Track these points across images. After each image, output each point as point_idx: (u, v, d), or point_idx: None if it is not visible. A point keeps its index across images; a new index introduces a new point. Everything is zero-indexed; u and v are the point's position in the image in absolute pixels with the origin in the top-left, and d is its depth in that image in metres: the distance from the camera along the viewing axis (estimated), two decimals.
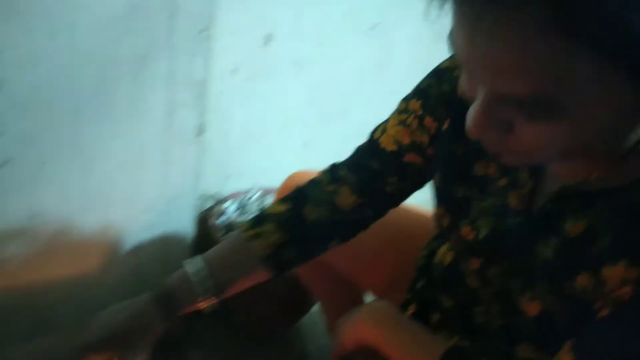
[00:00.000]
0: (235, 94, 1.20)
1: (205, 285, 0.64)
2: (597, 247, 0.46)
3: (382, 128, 0.70)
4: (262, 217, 0.70)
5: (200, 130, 0.97)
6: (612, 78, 0.35)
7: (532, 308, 0.53)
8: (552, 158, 0.46)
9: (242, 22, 1.13)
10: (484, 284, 0.60)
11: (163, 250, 1.04)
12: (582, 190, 0.48)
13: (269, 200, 1.26)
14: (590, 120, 0.38)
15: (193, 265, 0.66)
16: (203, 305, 0.65)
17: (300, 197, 0.71)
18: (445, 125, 0.62)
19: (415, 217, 0.86)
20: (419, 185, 0.71)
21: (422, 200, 0.80)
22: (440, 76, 0.63)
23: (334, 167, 0.74)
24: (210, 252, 0.69)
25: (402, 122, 0.66)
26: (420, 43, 1.46)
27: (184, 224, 1.05)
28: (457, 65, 0.60)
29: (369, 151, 0.70)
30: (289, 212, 0.69)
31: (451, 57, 0.63)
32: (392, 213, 0.76)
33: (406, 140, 0.66)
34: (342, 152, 0.78)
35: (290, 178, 0.92)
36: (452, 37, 0.40)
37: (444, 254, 0.71)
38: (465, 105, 0.57)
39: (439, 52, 1.63)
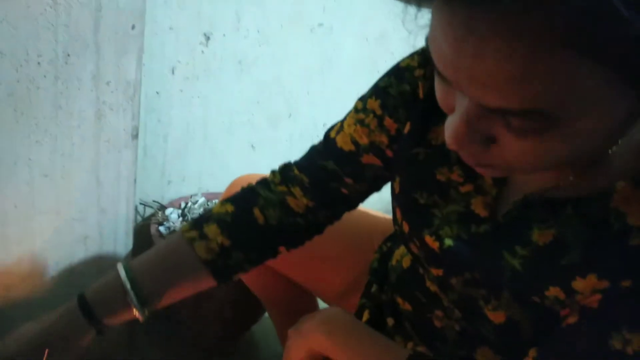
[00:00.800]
0: (174, 95, 1.14)
1: (138, 292, 0.58)
2: (566, 259, 0.44)
3: (338, 127, 0.65)
4: (205, 218, 0.64)
5: (135, 134, 0.91)
6: (619, 94, 0.33)
7: (496, 316, 0.51)
8: (530, 171, 0.44)
9: (179, 19, 1.08)
10: (445, 291, 0.57)
11: (97, 265, 0.97)
12: (548, 198, 0.46)
13: (212, 204, 1.21)
14: (582, 134, 0.35)
15: (124, 269, 0.59)
16: (135, 313, 0.58)
17: (248, 197, 0.67)
18: (406, 128, 0.59)
19: (369, 219, 0.84)
20: (376, 188, 0.67)
21: (376, 201, 0.78)
22: (400, 75, 0.59)
23: (285, 167, 0.69)
24: (146, 254, 0.62)
25: (360, 122, 0.61)
26: (365, 43, 1.45)
27: (121, 235, 0.98)
28: (419, 65, 0.57)
29: (324, 151, 0.66)
30: (236, 214, 0.64)
31: (411, 56, 0.59)
32: (345, 215, 0.73)
33: (364, 141, 0.62)
34: (290, 153, 0.75)
35: (236, 182, 0.87)
36: (431, 41, 0.36)
37: (402, 256, 0.68)
38: (428, 108, 0.55)
39: (383, 53, 1.65)
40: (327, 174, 0.65)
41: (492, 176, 0.50)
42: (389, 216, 0.77)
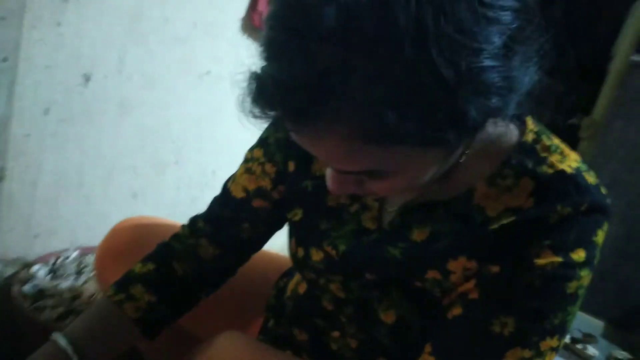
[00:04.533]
0: (46, 138, 1.03)
1: (80, 357, 0.60)
2: (439, 245, 0.53)
3: (233, 177, 0.73)
4: (128, 280, 0.68)
5: None
6: (417, 152, 0.43)
7: (388, 316, 0.58)
8: (403, 192, 0.52)
9: (57, 58, 1.00)
10: (344, 301, 0.62)
11: None
12: (421, 204, 0.56)
13: (90, 259, 1.09)
14: (418, 173, 0.46)
15: (62, 337, 0.61)
16: None
17: (165, 252, 0.71)
18: (291, 167, 0.66)
19: (264, 258, 0.85)
20: (275, 227, 0.74)
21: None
22: (276, 124, 0.67)
23: (192, 220, 0.74)
24: (79, 321, 0.65)
25: (248, 170, 0.70)
26: None
27: None
28: None
29: (222, 200, 0.73)
30: (156, 271, 0.69)
31: None
32: None
33: (252, 187, 0.70)
34: (177, 202, 0.72)
35: (118, 227, 0.81)
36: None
37: (297, 284, 0.72)
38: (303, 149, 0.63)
39: None
40: (226, 222, 0.71)
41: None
42: (283, 254, 0.82)
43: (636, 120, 2.10)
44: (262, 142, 0.70)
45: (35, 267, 1.01)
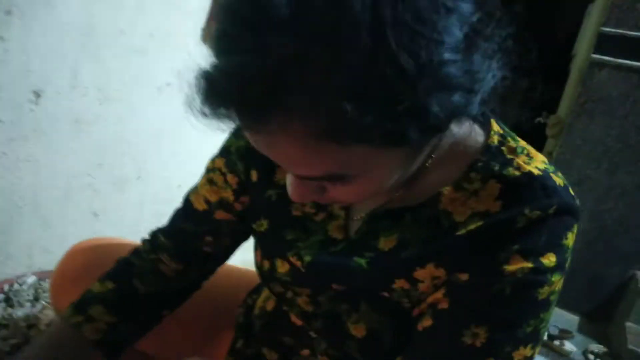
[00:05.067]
0: None
1: None
2: (406, 254, 0.51)
3: (194, 189, 0.70)
4: (86, 300, 0.65)
5: None
6: (379, 153, 0.41)
7: (358, 330, 0.55)
8: (366, 199, 0.49)
9: (3, 74, 0.95)
10: (314, 315, 0.60)
11: None
12: (388, 211, 0.54)
13: (46, 284, 1.04)
14: (381, 176, 0.44)
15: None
16: None
17: (125, 270, 0.69)
18: (254, 177, 0.64)
19: (233, 273, 0.82)
20: (240, 240, 0.71)
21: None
22: (237, 133, 0.65)
23: (153, 235, 0.72)
24: (34, 346, 0.62)
25: (210, 181, 0.67)
26: None
27: None
28: None
29: (183, 213, 0.70)
30: (116, 290, 0.66)
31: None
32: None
33: (214, 198, 0.67)
34: (140, 219, 0.70)
35: (75, 250, 0.78)
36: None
37: (265, 301, 0.70)
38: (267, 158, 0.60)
39: None
40: (188, 236, 0.69)
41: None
42: (250, 269, 0.79)
43: (599, 117, 2.14)
44: (223, 152, 0.67)
45: None
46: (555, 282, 0.47)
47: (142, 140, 1.28)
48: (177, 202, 0.71)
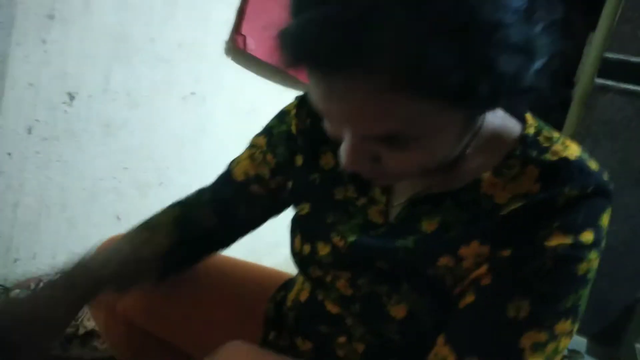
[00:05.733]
0: (28, 157, 1.01)
1: (110, 273, 0.62)
2: (451, 234, 0.54)
3: (237, 159, 0.75)
4: (154, 218, 0.73)
5: None
6: (446, 113, 0.43)
7: (398, 311, 0.56)
8: (413, 177, 0.52)
9: (41, 76, 0.99)
10: (352, 299, 0.61)
11: None
12: (429, 196, 0.56)
13: None
14: (437, 144, 0.47)
15: (94, 256, 0.63)
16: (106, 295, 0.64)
17: (187, 202, 0.76)
18: (298, 162, 0.67)
19: (258, 272, 0.83)
20: (271, 213, 0.75)
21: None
22: (281, 118, 0.70)
23: (199, 191, 0.77)
24: (105, 247, 0.68)
25: (251, 156, 0.72)
26: (235, 114, 1.49)
27: None
28: (296, 106, 0.69)
29: (224, 180, 0.75)
30: (180, 218, 0.73)
31: (295, 99, 0.70)
32: (233, 271, 0.79)
33: (252, 173, 0.71)
34: None
35: (103, 247, 0.79)
36: (311, 94, 0.46)
37: (298, 292, 0.70)
38: (314, 139, 0.65)
39: (253, 124, 1.70)
40: (224, 200, 0.74)
41: (384, 185, 0.59)
42: (276, 269, 0.84)
43: (603, 140, 2.19)
44: (266, 131, 0.72)
45: (15, 292, 0.96)
46: (592, 260, 0.49)
47: (165, 147, 1.31)
48: None
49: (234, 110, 1.48)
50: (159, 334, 0.78)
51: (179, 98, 1.30)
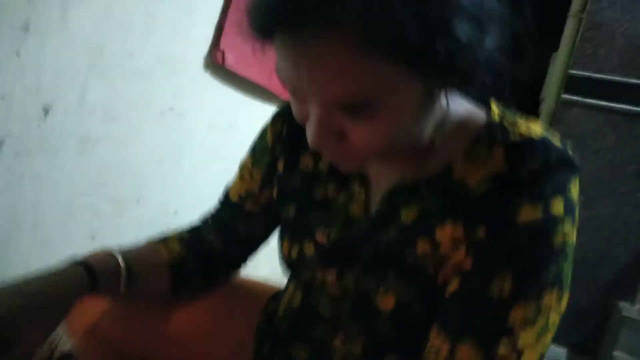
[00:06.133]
0: (1, 172, 0.96)
1: (129, 273, 0.64)
2: (428, 220, 0.56)
3: (231, 182, 0.79)
4: (161, 236, 0.76)
5: None
6: (406, 78, 0.45)
7: (387, 302, 0.57)
8: (377, 154, 0.53)
9: (15, 88, 0.95)
10: (342, 298, 0.62)
11: None
12: (404, 186, 0.58)
13: None
14: (399, 116, 0.48)
15: (115, 249, 0.65)
16: (120, 287, 0.64)
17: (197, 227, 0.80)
18: (280, 167, 0.71)
19: (249, 285, 0.83)
20: (269, 229, 0.77)
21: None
22: (261, 135, 0.75)
23: (203, 217, 0.81)
24: (129, 249, 0.69)
25: (241, 177, 0.76)
26: (213, 130, 1.47)
27: None
28: (273, 118, 0.74)
29: (222, 203, 0.79)
30: (190, 236, 0.77)
31: (271, 117, 0.74)
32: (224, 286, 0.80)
33: (243, 192, 0.75)
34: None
35: None
36: (278, 68, 0.48)
37: (290, 300, 0.70)
38: (292, 144, 0.69)
39: (231, 140, 1.69)
40: (225, 222, 0.77)
41: (352, 169, 0.60)
42: (267, 282, 0.84)
43: (572, 153, 2.26)
44: (250, 151, 0.76)
45: None
46: (567, 232, 0.51)
47: (143, 163, 1.27)
48: (173, 228, 0.79)
49: (213, 125, 1.46)
50: (141, 356, 0.74)
51: (157, 113, 1.28)
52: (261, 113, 1.14)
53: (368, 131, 0.48)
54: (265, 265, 1.18)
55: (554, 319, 0.50)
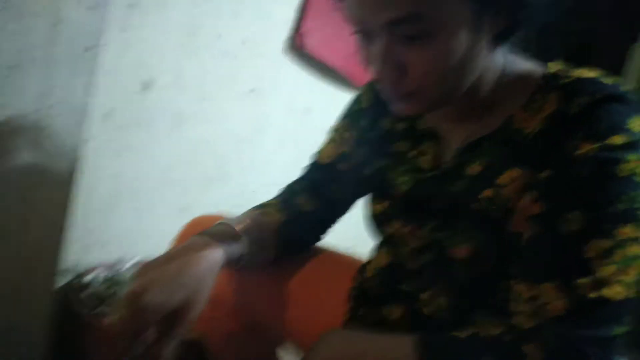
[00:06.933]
0: (104, 143, 1.02)
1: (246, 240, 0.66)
2: (492, 170, 0.57)
3: (319, 149, 0.82)
4: (258, 205, 0.78)
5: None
6: (464, 17, 0.49)
7: (462, 251, 0.59)
8: (434, 91, 0.56)
9: (120, 63, 1.01)
10: (421, 251, 0.65)
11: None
12: (469, 144, 0.61)
13: None
14: (450, 44, 0.51)
15: (239, 223, 0.67)
16: (241, 258, 0.66)
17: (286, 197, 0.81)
18: (367, 129, 0.74)
19: (341, 259, 0.85)
20: (359, 190, 0.78)
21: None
22: (355, 101, 0.79)
23: (289, 185, 0.82)
24: (242, 216, 0.71)
25: (332, 140, 0.80)
26: (291, 113, 1.49)
27: (40, 300, 0.79)
28: (365, 87, 0.77)
29: (311, 168, 0.82)
30: (282, 202, 0.78)
31: (362, 88, 0.78)
32: (321, 258, 0.82)
33: (336, 153, 0.78)
34: None
35: (195, 223, 0.82)
36: (348, 11, 0.53)
37: (377, 262, 0.74)
38: (377, 110, 0.73)
39: (307, 124, 1.70)
40: (317, 183, 0.80)
41: (413, 112, 0.61)
42: (356, 256, 0.85)
43: None
44: (343, 116, 0.79)
45: (89, 276, 0.96)
46: (632, 162, 0.49)
47: (225, 143, 1.31)
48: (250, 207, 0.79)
49: (290, 109, 1.49)
50: (247, 316, 0.79)
51: (240, 94, 1.32)
52: (336, 99, 1.16)
53: (424, 58, 0.51)
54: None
55: (633, 251, 0.48)
